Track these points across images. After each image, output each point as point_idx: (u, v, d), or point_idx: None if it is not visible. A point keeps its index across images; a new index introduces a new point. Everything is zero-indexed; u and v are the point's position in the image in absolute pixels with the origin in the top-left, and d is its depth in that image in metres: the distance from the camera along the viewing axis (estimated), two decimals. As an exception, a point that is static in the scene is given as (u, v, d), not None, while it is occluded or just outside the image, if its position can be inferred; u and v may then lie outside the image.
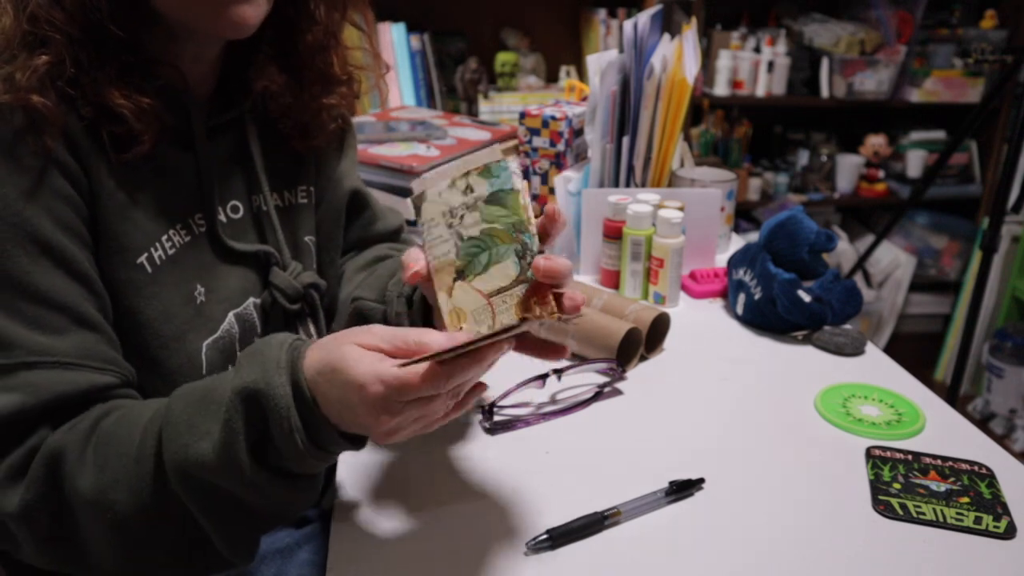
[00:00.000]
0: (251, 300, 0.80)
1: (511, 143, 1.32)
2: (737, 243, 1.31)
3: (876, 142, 2.69)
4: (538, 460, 0.74)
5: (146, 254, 0.70)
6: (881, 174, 2.72)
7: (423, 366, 0.53)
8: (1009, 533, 0.65)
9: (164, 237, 0.72)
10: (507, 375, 0.83)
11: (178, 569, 0.64)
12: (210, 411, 0.59)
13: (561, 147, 1.20)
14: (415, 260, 0.61)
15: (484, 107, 2.29)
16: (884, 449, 0.76)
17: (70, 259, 0.64)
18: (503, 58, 2.41)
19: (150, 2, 0.67)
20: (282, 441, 0.57)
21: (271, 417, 0.57)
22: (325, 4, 0.82)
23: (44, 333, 0.63)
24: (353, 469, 0.73)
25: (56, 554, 0.64)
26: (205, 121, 0.76)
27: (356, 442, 0.61)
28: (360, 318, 0.79)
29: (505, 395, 0.81)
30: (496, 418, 0.80)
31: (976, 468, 0.73)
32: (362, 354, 0.55)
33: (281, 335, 0.61)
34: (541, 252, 0.59)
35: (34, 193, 0.63)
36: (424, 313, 0.76)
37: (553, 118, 1.19)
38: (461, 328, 0.59)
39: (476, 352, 0.55)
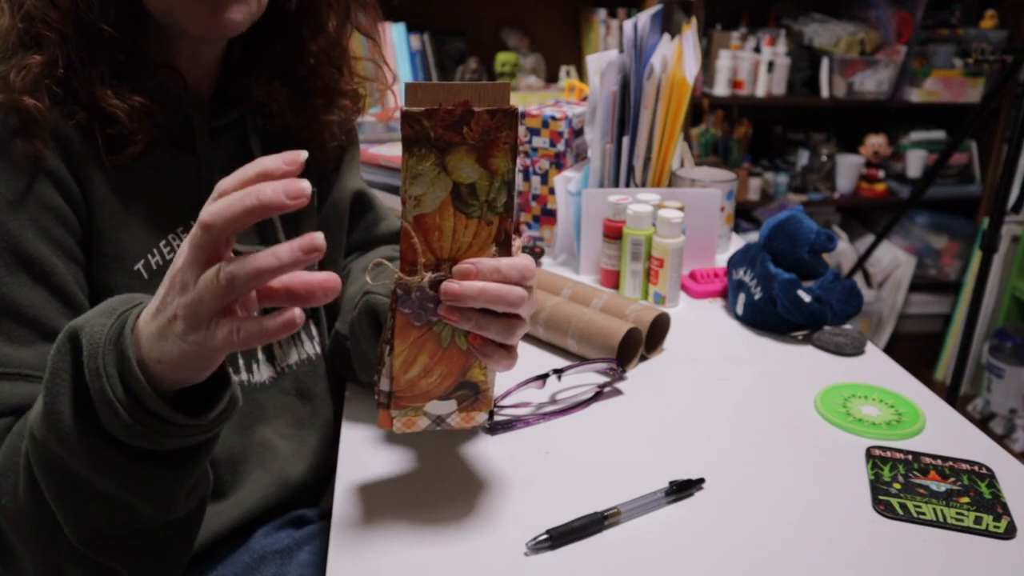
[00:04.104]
0: (252, 301, 0.80)
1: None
2: (737, 243, 1.31)
3: (876, 142, 2.69)
4: (538, 460, 0.74)
5: (143, 260, 0.70)
6: (881, 174, 2.72)
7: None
8: (1009, 533, 0.65)
9: (163, 242, 0.72)
10: (507, 375, 0.83)
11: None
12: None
13: (561, 147, 1.20)
14: None
15: (484, 107, 2.29)
16: (884, 449, 0.76)
17: (49, 272, 0.64)
18: (503, 58, 2.42)
19: (139, 3, 0.67)
20: (93, 386, 0.52)
21: (84, 356, 0.52)
22: (336, 14, 0.81)
23: (11, 344, 0.62)
24: (353, 469, 0.73)
25: None
26: (206, 123, 0.76)
27: (193, 412, 0.55)
28: (371, 312, 0.79)
29: (505, 395, 0.81)
30: (496, 418, 0.80)
31: (976, 468, 0.73)
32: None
33: (146, 295, 0.57)
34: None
35: (20, 203, 0.63)
36: None
37: (553, 118, 1.19)
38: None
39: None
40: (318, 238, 0.48)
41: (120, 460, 0.55)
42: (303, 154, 0.49)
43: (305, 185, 0.47)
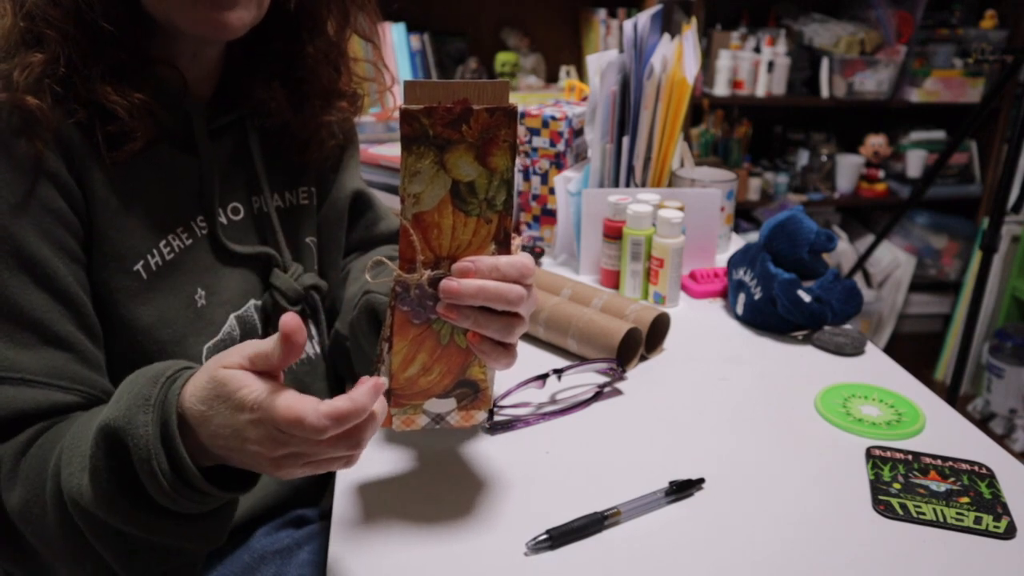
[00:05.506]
0: (252, 302, 0.80)
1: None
2: (737, 243, 1.31)
3: (876, 142, 2.69)
4: (538, 460, 0.74)
5: (142, 261, 0.70)
6: (881, 174, 2.72)
7: (313, 405, 0.50)
8: (1009, 533, 0.65)
9: (163, 242, 0.72)
10: (507, 375, 0.83)
11: None
12: (86, 441, 0.57)
13: (561, 147, 1.20)
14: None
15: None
16: (884, 449, 0.76)
17: (51, 275, 0.64)
18: (503, 58, 2.41)
19: (140, 2, 0.67)
20: (148, 483, 0.54)
21: (133, 457, 0.54)
22: (335, 16, 0.81)
23: (13, 348, 0.62)
24: (353, 469, 0.72)
25: (12, 557, 0.64)
26: (206, 123, 0.76)
27: (237, 487, 0.59)
28: (371, 312, 0.79)
29: (505, 395, 0.81)
30: (496, 418, 0.80)
31: (976, 468, 0.73)
32: (243, 377, 0.52)
33: (164, 364, 0.58)
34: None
35: (22, 206, 0.63)
36: None
37: (553, 118, 1.19)
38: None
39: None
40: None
41: (176, 521, 0.58)
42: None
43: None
